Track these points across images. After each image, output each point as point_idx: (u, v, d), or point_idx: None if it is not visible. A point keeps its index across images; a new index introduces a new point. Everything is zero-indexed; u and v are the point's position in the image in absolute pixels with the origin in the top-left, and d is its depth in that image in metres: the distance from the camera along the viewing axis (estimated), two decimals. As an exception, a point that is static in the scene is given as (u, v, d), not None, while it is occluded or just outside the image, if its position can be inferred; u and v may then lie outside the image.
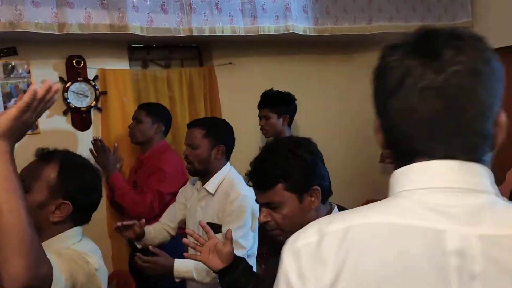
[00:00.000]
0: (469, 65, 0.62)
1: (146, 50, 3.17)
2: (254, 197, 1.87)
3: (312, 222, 0.73)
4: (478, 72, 0.62)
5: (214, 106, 3.15)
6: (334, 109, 3.52)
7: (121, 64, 2.87)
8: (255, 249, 2.00)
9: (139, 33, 2.39)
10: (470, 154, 0.63)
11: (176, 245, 2.63)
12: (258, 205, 1.95)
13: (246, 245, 1.89)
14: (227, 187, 2.01)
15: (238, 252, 1.76)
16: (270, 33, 2.74)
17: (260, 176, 1.25)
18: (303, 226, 1.21)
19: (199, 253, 1.45)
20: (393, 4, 3.11)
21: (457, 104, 0.62)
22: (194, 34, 2.52)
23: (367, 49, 3.68)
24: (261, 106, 2.78)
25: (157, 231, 2.15)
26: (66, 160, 1.29)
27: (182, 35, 2.51)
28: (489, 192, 0.63)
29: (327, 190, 1.26)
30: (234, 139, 2.13)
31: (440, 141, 0.63)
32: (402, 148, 0.68)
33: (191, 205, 2.13)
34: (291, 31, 2.75)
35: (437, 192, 0.62)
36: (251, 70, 3.27)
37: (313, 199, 1.24)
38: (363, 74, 3.66)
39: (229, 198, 1.96)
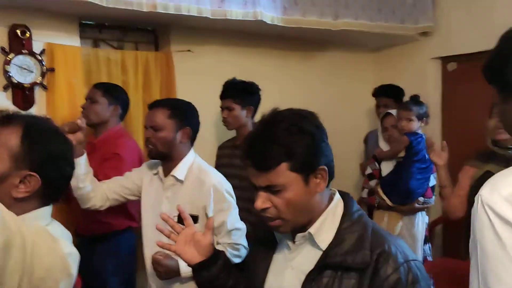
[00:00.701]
0: None
1: (98, 28, 2.91)
2: (227, 182, 1.84)
3: (500, 173, 0.76)
4: None
5: (170, 95, 2.95)
6: (294, 105, 3.44)
7: (71, 40, 2.61)
8: None
9: (97, 2, 2.16)
10: None
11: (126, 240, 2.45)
12: (231, 188, 1.87)
13: (243, 226, 1.88)
14: (198, 173, 1.86)
15: (239, 234, 1.85)
16: (238, 18, 2.59)
17: (260, 154, 1.04)
18: (305, 214, 1.07)
19: (173, 243, 1.24)
20: (359, 3, 3.09)
21: None
22: (157, 11, 2.33)
23: (327, 49, 3.68)
24: (223, 96, 2.60)
25: (98, 191, 1.96)
26: (30, 123, 1.07)
27: (145, 10, 2.30)
28: None
29: (332, 171, 1.11)
30: (199, 123, 1.98)
31: None
32: None
33: (152, 196, 1.93)
34: (259, 18, 2.63)
35: None
36: (210, 60, 3.12)
37: (318, 180, 1.07)
38: (323, 72, 3.71)
39: (204, 185, 1.81)
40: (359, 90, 3.66)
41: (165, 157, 1.86)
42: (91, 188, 1.93)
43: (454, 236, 3.03)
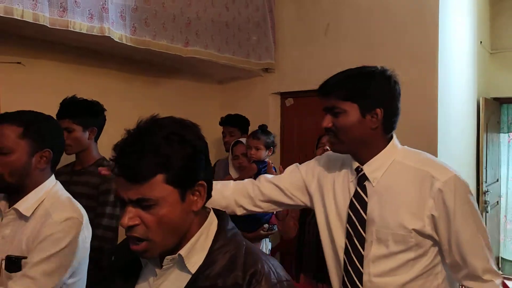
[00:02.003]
0: None
1: None
2: (86, 223, 1.51)
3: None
4: None
5: (-7, 110, 2.51)
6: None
7: None
8: None
9: None
10: None
11: None
12: (88, 237, 1.51)
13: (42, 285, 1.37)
14: (49, 207, 1.48)
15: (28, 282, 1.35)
16: (83, 31, 2.35)
17: (133, 162, 0.91)
18: (177, 234, 0.96)
19: None
20: (209, 32, 3.14)
21: None
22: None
23: (175, 76, 3.64)
24: (61, 116, 2.22)
25: None
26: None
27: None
28: None
29: (210, 189, 1.00)
30: (64, 141, 1.67)
31: None
32: None
33: None
34: (106, 34, 2.43)
35: None
36: (45, 75, 2.77)
37: (196, 198, 0.97)
38: (170, 99, 3.63)
39: (49, 219, 1.43)
40: (206, 119, 3.63)
41: (13, 190, 1.48)
42: None
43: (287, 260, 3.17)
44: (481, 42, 4.45)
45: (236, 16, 3.36)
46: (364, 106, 1.34)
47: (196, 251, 0.98)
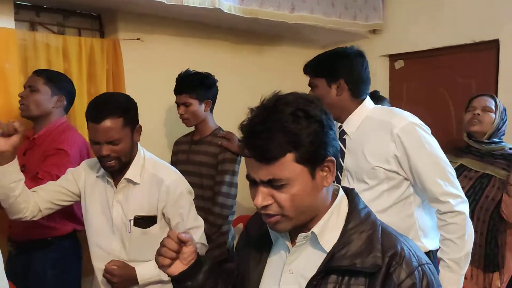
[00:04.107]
0: None
1: (35, 11, 2.62)
2: (182, 177, 1.78)
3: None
4: None
5: (118, 85, 2.73)
6: (244, 98, 3.34)
7: (4, 22, 2.31)
8: None
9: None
10: None
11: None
12: (187, 184, 1.79)
13: (201, 223, 1.81)
14: (152, 170, 1.73)
15: (198, 232, 1.77)
16: (195, 5, 2.43)
17: (262, 143, 0.89)
18: (310, 211, 0.95)
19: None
20: (314, -4, 3.06)
21: None
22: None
23: (279, 43, 3.62)
24: (178, 91, 2.37)
25: (30, 201, 1.70)
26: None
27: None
28: None
29: (338, 164, 0.99)
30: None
31: None
32: None
33: (98, 200, 1.75)
34: (217, 6, 2.49)
35: None
36: (161, 49, 2.94)
37: (325, 174, 0.95)
38: (275, 66, 3.65)
39: (161, 184, 1.69)
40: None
41: (126, 164, 1.70)
42: (23, 198, 1.67)
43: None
44: None
45: (342, -24, 3.22)
46: (329, 79, 1.74)
47: (328, 229, 0.98)
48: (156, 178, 1.71)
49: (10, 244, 2.17)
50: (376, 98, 2.74)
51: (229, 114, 2.69)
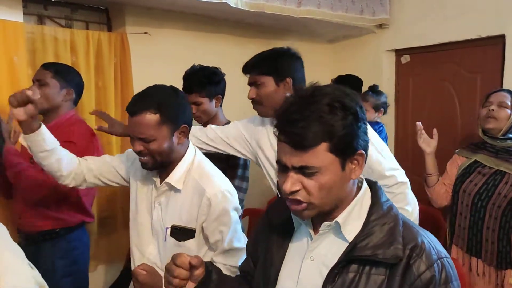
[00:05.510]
0: None
1: (43, 4, 2.64)
2: (234, 190, 1.61)
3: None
4: None
5: (125, 79, 2.76)
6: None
7: (13, 15, 2.32)
8: None
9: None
10: None
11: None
12: (236, 198, 1.62)
13: (242, 244, 1.58)
14: (198, 178, 1.58)
15: (238, 255, 1.57)
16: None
17: (299, 130, 0.92)
18: (335, 201, 0.98)
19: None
20: (321, -10, 3.05)
21: None
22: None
23: (286, 38, 3.62)
24: (188, 90, 2.30)
25: (73, 169, 1.72)
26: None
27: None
28: None
29: (366, 158, 1.00)
30: (191, 109, 1.73)
31: None
32: None
33: (144, 198, 1.67)
34: (224, 0, 2.49)
35: None
36: (168, 43, 2.95)
37: (354, 166, 0.97)
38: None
39: (204, 195, 1.53)
40: (316, 80, 3.63)
41: (164, 165, 1.58)
42: (56, 167, 1.68)
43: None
44: None
45: (348, -30, 3.21)
46: (277, 77, 1.78)
47: (351, 220, 1.00)
48: (199, 188, 1.55)
49: (19, 235, 2.20)
50: (375, 92, 2.75)
51: (236, 107, 2.72)
